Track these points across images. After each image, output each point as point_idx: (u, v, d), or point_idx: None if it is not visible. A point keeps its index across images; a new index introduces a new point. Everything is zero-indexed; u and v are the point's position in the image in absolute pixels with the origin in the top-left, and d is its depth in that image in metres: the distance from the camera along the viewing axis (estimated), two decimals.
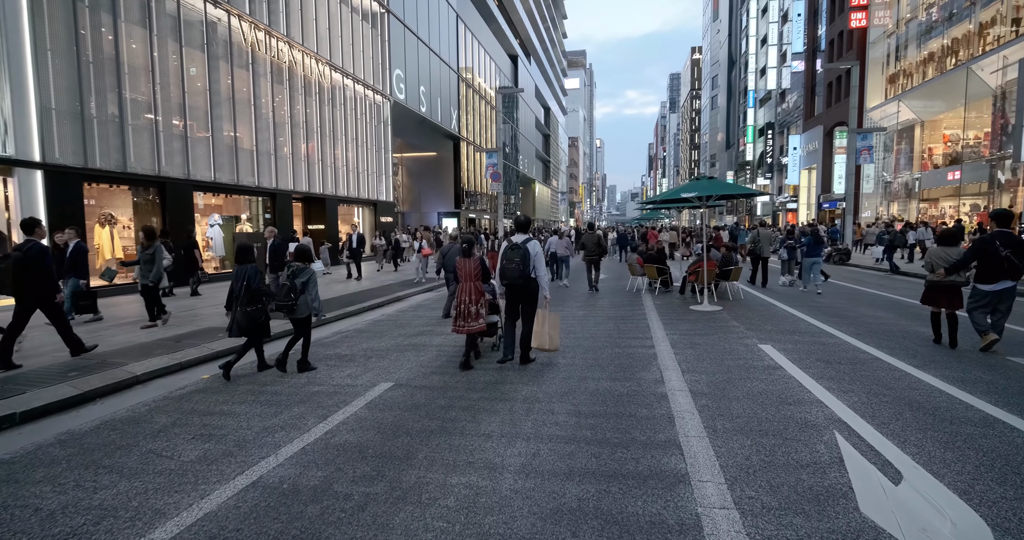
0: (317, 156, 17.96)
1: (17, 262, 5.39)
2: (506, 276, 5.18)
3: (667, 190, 13.80)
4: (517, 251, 5.11)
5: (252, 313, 5.20)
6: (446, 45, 29.10)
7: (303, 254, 5.42)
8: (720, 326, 7.30)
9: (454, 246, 8.22)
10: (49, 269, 5.56)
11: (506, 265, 5.14)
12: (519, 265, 5.07)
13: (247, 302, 5.17)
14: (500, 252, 5.29)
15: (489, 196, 38.92)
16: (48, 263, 5.56)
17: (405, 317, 8.84)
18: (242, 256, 5.33)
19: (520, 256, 5.08)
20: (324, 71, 18.07)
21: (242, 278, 5.18)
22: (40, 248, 5.52)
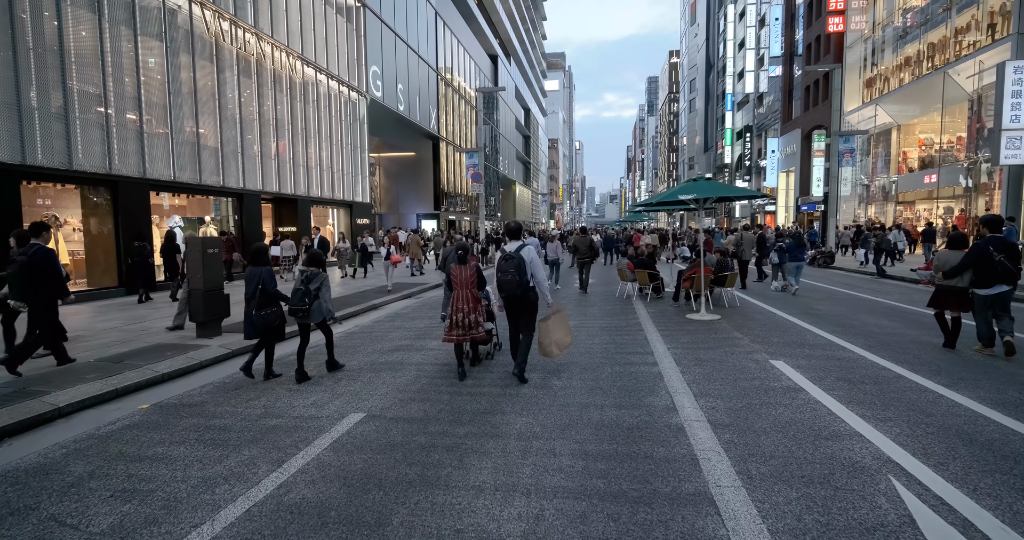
0: (288, 155, 17.04)
1: (23, 267, 5.23)
2: (504, 288, 4.90)
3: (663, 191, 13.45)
4: (511, 261, 4.81)
5: (267, 316, 5.16)
6: (425, 42, 28.35)
7: (315, 259, 5.36)
8: (723, 338, 6.79)
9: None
10: (58, 272, 5.48)
11: (502, 277, 4.86)
12: (515, 276, 4.79)
13: (261, 305, 5.13)
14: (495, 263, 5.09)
15: (469, 198, 38.22)
16: (57, 266, 5.48)
17: (380, 329, 8.12)
18: (256, 258, 5.31)
19: (515, 266, 4.79)
20: (296, 66, 17.17)
21: (256, 281, 5.12)
22: (45, 251, 5.39)
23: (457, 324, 5.06)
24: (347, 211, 21.13)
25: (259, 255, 5.37)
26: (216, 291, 7.06)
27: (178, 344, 6.73)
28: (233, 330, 7.54)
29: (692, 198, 7.21)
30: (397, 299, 11.22)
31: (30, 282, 5.26)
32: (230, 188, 14.47)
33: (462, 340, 5.11)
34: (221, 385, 5.26)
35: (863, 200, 30.48)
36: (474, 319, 5.09)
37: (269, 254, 5.62)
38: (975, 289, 5.60)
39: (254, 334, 5.25)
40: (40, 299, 5.35)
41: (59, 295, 5.51)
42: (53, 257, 5.48)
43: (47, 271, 5.33)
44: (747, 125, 47.31)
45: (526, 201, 67.81)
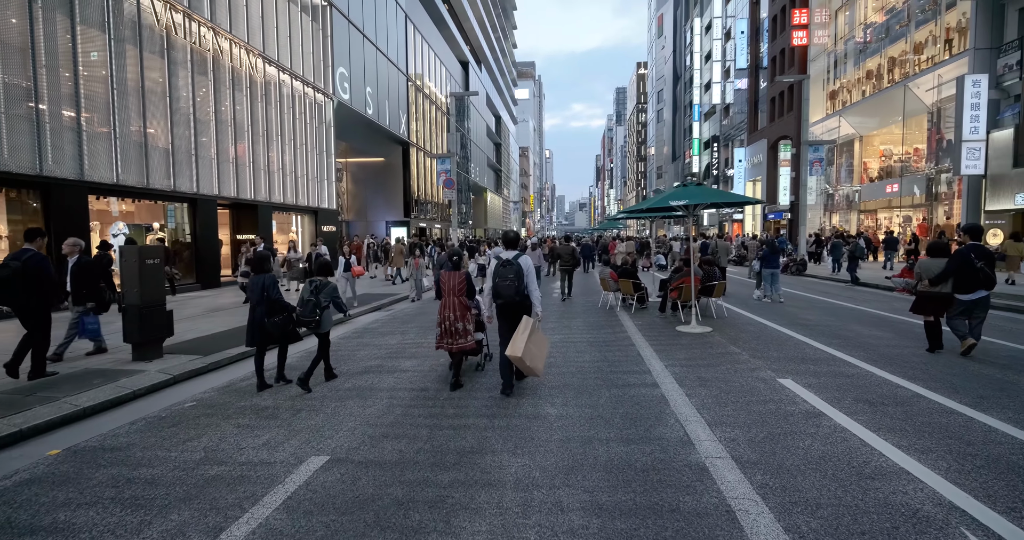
0: (248, 158, 16.01)
1: (17, 273, 5.11)
2: (501, 294, 4.80)
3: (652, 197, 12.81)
4: (510, 267, 4.76)
5: (280, 323, 5.13)
6: (395, 46, 27.63)
7: (324, 269, 5.42)
8: (721, 354, 6.34)
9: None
10: (52, 279, 5.42)
11: (499, 283, 4.77)
12: (514, 281, 4.73)
13: (270, 312, 5.11)
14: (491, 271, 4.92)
15: (440, 205, 37.45)
16: (51, 272, 5.41)
17: (346, 347, 7.37)
18: (259, 265, 5.28)
19: (514, 273, 4.74)
20: (257, 64, 16.21)
21: (260, 288, 5.10)
22: (40, 257, 5.32)
23: (447, 331, 5.09)
24: (312, 218, 20.10)
25: (262, 262, 5.34)
26: (156, 307, 6.19)
27: (109, 370, 5.84)
28: (179, 351, 6.68)
29: (682, 204, 6.81)
30: (365, 312, 10.44)
31: (23, 288, 5.15)
32: (182, 192, 13.39)
33: (451, 349, 5.09)
34: (156, 420, 4.46)
35: (828, 209, 31.21)
36: (462, 327, 5.05)
37: (271, 262, 5.69)
38: (957, 294, 5.82)
39: (259, 341, 5.19)
40: (32, 305, 5.25)
41: (52, 302, 5.45)
42: (47, 263, 5.41)
43: (40, 277, 5.25)
44: (714, 135, 48.27)
45: (497, 209, 67.39)
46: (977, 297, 5.73)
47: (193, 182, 13.75)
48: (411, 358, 6.55)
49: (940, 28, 20.23)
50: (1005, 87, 17.35)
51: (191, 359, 6.34)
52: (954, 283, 5.82)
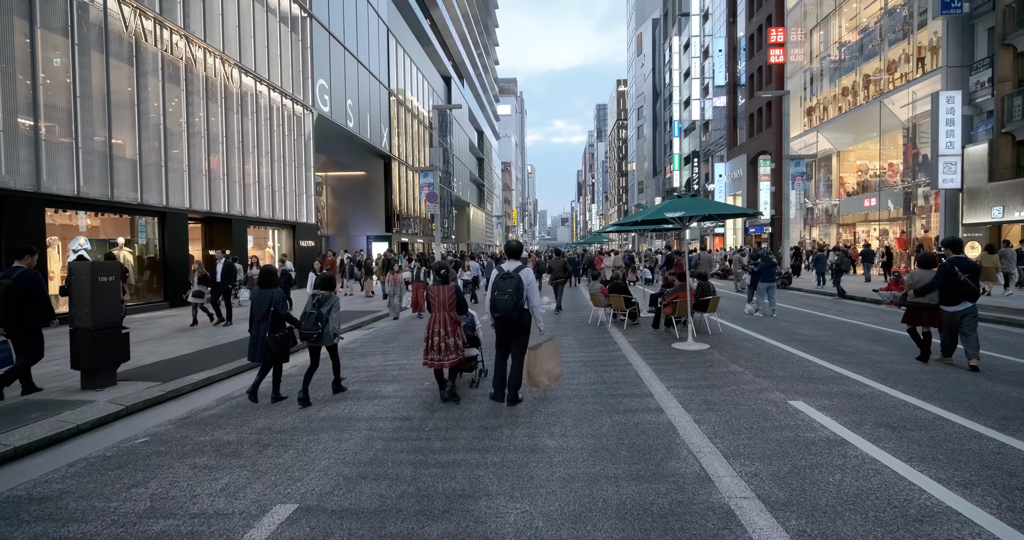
0: (223, 171, 15.41)
1: (9, 290, 5.11)
2: (498, 308, 4.68)
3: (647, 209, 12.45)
4: (510, 281, 4.65)
5: (281, 339, 5.13)
6: (376, 59, 27.39)
7: (328, 283, 5.44)
8: (724, 373, 6.00)
9: None
10: (44, 296, 5.43)
11: (498, 296, 4.66)
12: (513, 296, 4.62)
13: (275, 327, 5.12)
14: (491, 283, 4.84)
15: (422, 219, 36.99)
16: (43, 289, 5.41)
17: (322, 370, 6.82)
18: (265, 280, 5.26)
19: (513, 286, 4.62)
20: (232, 74, 15.72)
21: (268, 303, 5.11)
22: (31, 274, 5.32)
23: (434, 347, 4.92)
24: (290, 233, 19.46)
25: (268, 277, 5.29)
26: (110, 330, 5.61)
27: (51, 401, 5.22)
28: (136, 377, 6.08)
29: (678, 216, 6.53)
30: (343, 331, 9.89)
31: (13, 306, 5.11)
32: (150, 206, 12.73)
33: (438, 366, 4.94)
34: (98, 461, 3.89)
35: (807, 222, 31.63)
36: (453, 343, 4.90)
37: (277, 276, 5.44)
38: (943, 306, 5.97)
39: (264, 356, 5.12)
40: (24, 323, 5.22)
41: (44, 319, 5.41)
42: (39, 280, 5.40)
43: (32, 294, 5.25)
44: (694, 150, 48.97)
45: (480, 223, 67.15)
46: (962, 309, 5.84)
47: (162, 195, 13.10)
48: (393, 382, 6.06)
49: (912, 46, 20.77)
50: (978, 103, 17.78)
51: (148, 386, 5.76)
52: (940, 295, 5.97)
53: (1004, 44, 16.38)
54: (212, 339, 8.73)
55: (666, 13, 59.54)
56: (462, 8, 52.96)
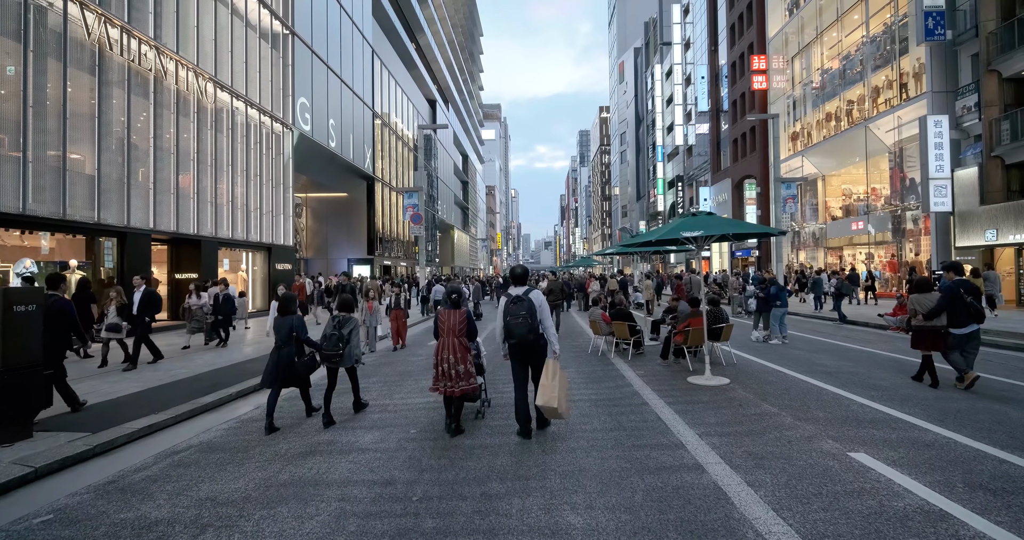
0: (193, 189, 14.45)
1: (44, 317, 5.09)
2: (514, 333, 4.48)
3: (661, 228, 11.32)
4: (522, 304, 4.47)
5: (308, 363, 5.29)
6: (360, 80, 26.93)
7: (346, 305, 5.57)
8: (757, 415, 5.21)
9: None
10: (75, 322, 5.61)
11: (511, 321, 4.47)
12: (527, 319, 4.44)
13: (300, 352, 5.24)
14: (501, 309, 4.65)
15: (405, 242, 36.11)
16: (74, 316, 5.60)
17: (290, 411, 5.86)
18: (285, 307, 5.32)
19: (526, 309, 4.44)
20: (207, 88, 14.93)
21: (288, 329, 5.18)
22: (64, 302, 5.57)
23: (444, 374, 4.73)
24: (265, 255, 18.41)
25: (288, 304, 5.36)
26: (24, 371, 4.61)
27: None
28: (61, 426, 5.05)
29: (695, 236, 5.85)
30: None
31: (47, 332, 5.14)
32: (109, 225, 11.68)
33: (451, 392, 4.71)
34: None
35: (795, 246, 31.58)
36: (463, 370, 4.70)
37: (295, 303, 5.49)
38: (951, 329, 5.95)
39: (278, 382, 5.15)
40: (54, 346, 5.37)
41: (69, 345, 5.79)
42: (71, 307, 5.66)
43: (65, 319, 5.47)
44: (678, 175, 49.34)
45: (465, 246, 66.43)
46: (969, 331, 5.87)
47: (123, 214, 12.08)
48: (372, 428, 5.13)
49: (896, 72, 21.03)
50: (964, 128, 17.85)
51: (72, 439, 4.74)
52: (947, 319, 5.95)
53: (989, 70, 16.52)
54: (168, 374, 7.67)
55: (647, 42, 60.99)
56: (448, 35, 53.51)
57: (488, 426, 5.08)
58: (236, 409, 6.11)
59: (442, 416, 5.41)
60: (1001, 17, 16.42)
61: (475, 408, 5.49)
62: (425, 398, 6.27)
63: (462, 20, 68.59)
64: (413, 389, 6.83)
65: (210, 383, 7.03)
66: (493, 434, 4.82)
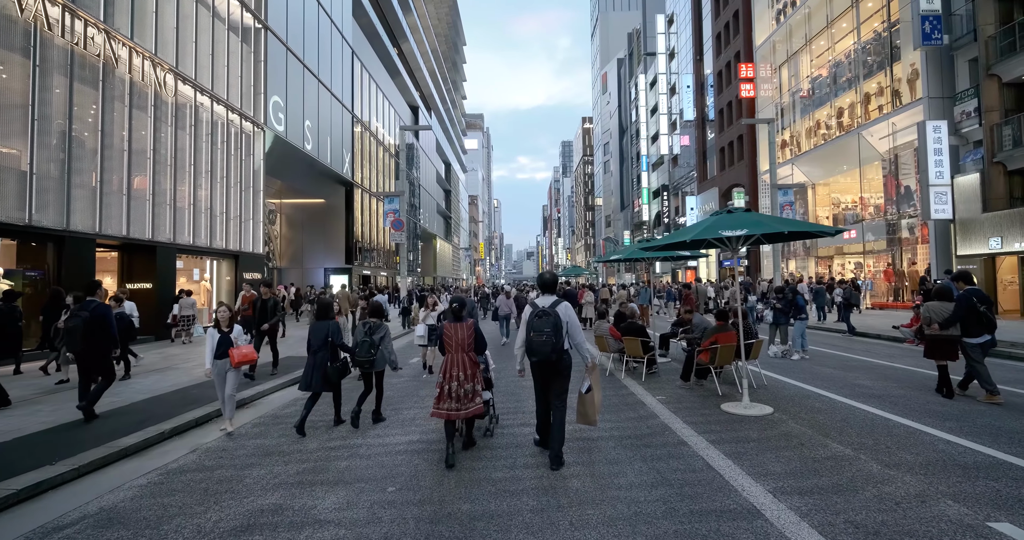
0: (148, 190, 13.02)
1: (86, 322, 5.56)
2: (536, 352, 4.03)
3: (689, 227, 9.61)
4: (547, 319, 4.00)
5: (340, 368, 5.39)
6: (339, 81, 25.74)
7: (377, 311, 5.66)
8: (832, 459, 4.13)
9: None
10: (113, 327, 5.92)
11: (534, 338, 4.01)
12: (551, 336, 3.97)
13: (333, 358, 5.37)
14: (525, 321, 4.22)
15: (386, 251, 34.71)
16: (112, 321, 5.90)
17: (233, 457, 4.59)
18: (322, 313, 5.51)
19: (551, 325, 3.96)
20: (166, 80, 13.58)
21: (324, 333, 5.34)
22: (104, 308, 5.86)
23: (449, 394, 4.28)
24: (232, 263, 16.92)
25: (326, 310, 5.55)
26: None
27: None
28: None
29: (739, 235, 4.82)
30: (276, 388, 7.59)
31: (88, 335, 5.57)
32: (43, 228, 10.21)
33: (454, 416, 4.26)
34: None
35: (784, 255, 31.11)
36: (471, 389, 4.36)
37: (333, 309, 5.65)
38: (965, 338, 5.84)
39: (316, 386, 5.27)
40: (98, 350, 5.71)
41: (113, 346, 5.99)
42: (111, 313, 5.96)
43: (105, 325, 5.75)
44: (664, 184, 49.02)
45: (447, 256, 65.09)
46: (983, 341, 5.76)
47: (62, 216, 10.62)
48: (337, 484, 3.90)
49: (889, 78, 20.70)
50: (964, 134, 17.44)
51: None
52: (961, 328, 5.84)
53: (989, 74, 16.14)
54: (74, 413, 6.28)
55: (631, 53, 61.16)
56: (431, 43, 52.80)
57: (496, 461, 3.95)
58: (166, 454, 4.81)
59: (430, 462, 4.23)
60: (1000, 21, 16.10)
61: (484, 426, 5.06)
62: (407, 436, 5.07)
63: (445, 29, 68.08)
64: (392, 423, 5.61)
65: (137, 419, 5.69)
66: (503, 484, 3.64)
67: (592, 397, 4.24)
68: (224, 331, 5.30)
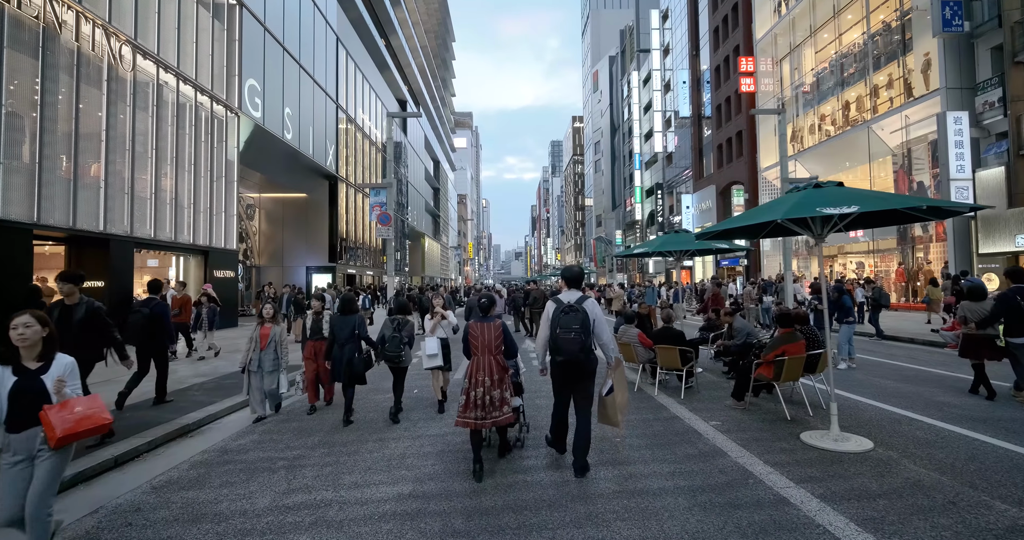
0: (101, 176, 11.48)
1: (147, 318, 5.88)
2: (563, 351, 3.74)
3: (764, 205, 5.32)
4: (575, 316, 3.73)
5: (366, 360, 5.55)
6: (322, 68, 24.21)
7: (403, 308, 5.70)
8: (1015, 527, 2.90)
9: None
10: (170, 324, 6.33)
11: (561, 335, 3.74)
12: (580, 334, 3.70)
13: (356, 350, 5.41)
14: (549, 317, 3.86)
15: (372, 249, 33.17)
16: (169, 319, 6.28)
17: (154, 518, 3.20)
18: (347, 307, 5.57)
19: (579, 322, 3.71)
20: (122, 52, 12.04)
21: (351, 327, 5.41)
22: (165, 306, 6.24)
23: (475, 403, 3.82)
24: (201, 260, 15.34)
25: (349, 304, 5.62)
26: None
27: None
28: None
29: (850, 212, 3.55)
30: (222, 413, 6.18)
31: (149, 331, 5.83)
32: None
33: (481, 425, 3.80)
34: None
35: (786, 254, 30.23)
36: (499, 396, 3.89)
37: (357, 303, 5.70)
38: (1008, 338, 5.59)
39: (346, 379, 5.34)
40: (156, 345, 5.97)
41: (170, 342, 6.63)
42: (168, 310, 6.38)
43: (163, 321, 6.05)
44: (657, 183, 48.10)
45: (436, 255, 63.55)
46: None
47: None
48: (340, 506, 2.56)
49: (902, 69, 19.80)
50: (985, 125, 16.55)
51: None
52: (1004, 327, 5.63)
53: (1016, 62, 15.23)
54: None
55: (623, 50, 60.24)
56: (420, 38, 51.31)
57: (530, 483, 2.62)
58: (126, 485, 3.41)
59: (428, 537, 2.93)
60: None
61: (514, 435, 4.61)
62: (396, 486, 3.73)
63: (435, 25, 66.56)
64: (377, 463, 4.25)
65: None
66: None
67: (614, 398, 3.97)
68: (27, 368, 2.66)
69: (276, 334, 5.64)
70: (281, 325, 5.77)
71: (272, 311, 5.70)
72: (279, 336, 5.65)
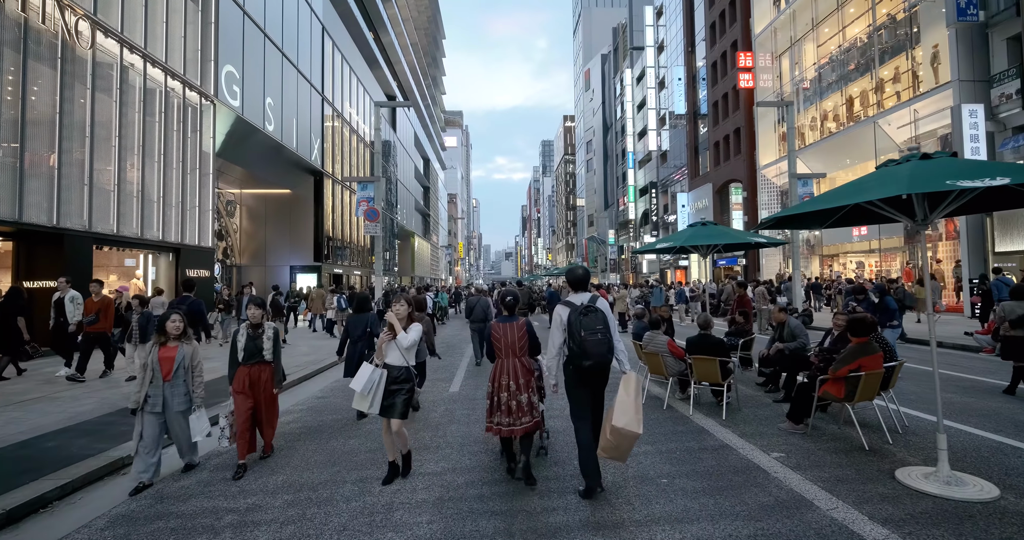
0: (55, 165, 10.29)
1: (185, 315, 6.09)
2: (591, 354, 3.39)
3: (864, 180, 3.78)
4: (596, 315, 3.45)
5: None
6: (307, 58, 23.03)
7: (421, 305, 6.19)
8: None
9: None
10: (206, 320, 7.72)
11: (587, 337, 3.41)
12: (605, 333, 3.45)
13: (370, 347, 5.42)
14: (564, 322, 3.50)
15: (360, 248, 31.97)
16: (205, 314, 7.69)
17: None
18: (362, 306, 5.88)
19: (602, 321, 3.46)
20: (79, 29, 10.87)
21: (364, 324, 5.64)
22: (199, 303, 7.40)
23: (499, 407, 3.66)
24: (172, 258, 14.13)
25: (364, 303, 5.93)
26: None
27: None
28: None
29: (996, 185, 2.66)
30: None
31: None
32: None
33: (510, 432, 3.62)
34: None
35: (785, 253, 29.61)
36: (526, 401, 3.67)
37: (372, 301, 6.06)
38: None
39: None
40: None
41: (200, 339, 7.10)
42: (204, 307, 7.53)
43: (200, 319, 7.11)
44: (651, 181, 47.41)
45: (426, 255, 62.31)
46: None
47: None
48: None
49: (911, 62, 19.15)
50: (1001, 119, 15.90)
51: None
52: None
53: None
54: None
55: (616, 48, 59.55)
56: (411, 36, 50.16)
57: None
58: None
59: None
60: None
61: (537, 444, 4.25)
62: None
63: (425, 22, 65.35)
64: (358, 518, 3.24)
65: None
66: None
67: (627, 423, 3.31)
68: None
69: (184, 358, 3.96)
70: (192, 344, 4.12)
71: (183, 326, 4.08)
72: (189, 359, 3.99)
